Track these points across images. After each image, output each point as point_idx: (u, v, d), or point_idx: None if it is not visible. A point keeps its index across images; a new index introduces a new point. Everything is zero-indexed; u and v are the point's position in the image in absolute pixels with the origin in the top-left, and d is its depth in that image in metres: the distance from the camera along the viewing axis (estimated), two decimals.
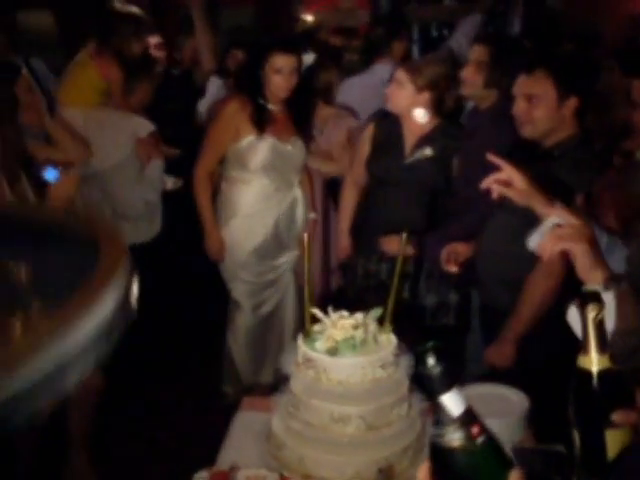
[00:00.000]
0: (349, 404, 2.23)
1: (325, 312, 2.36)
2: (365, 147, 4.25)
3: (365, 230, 4.25)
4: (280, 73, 4.08)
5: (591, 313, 1.52)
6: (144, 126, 4.57)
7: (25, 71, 3.94)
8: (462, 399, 1.18)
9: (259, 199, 4.24)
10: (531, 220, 2.28)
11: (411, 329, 2.43)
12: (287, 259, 4.42)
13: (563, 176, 3.13)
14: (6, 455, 3.15)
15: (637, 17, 7.48)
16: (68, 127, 4.16)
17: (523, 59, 3.86)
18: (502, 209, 3.30)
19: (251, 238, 4.27)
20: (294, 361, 2.33)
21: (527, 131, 3.42)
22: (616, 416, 1.52)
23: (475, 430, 1.16)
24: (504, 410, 2.43)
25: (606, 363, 1.53)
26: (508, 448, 1.78)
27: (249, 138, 4.12)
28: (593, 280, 1.86)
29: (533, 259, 2.64)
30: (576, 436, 1.58)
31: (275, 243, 4.33)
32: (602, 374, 1.53)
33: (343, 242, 4.41)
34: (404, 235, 2.35)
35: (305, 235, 2.33)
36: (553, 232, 1.91)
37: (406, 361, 2.33)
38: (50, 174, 3.31)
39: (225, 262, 4.30)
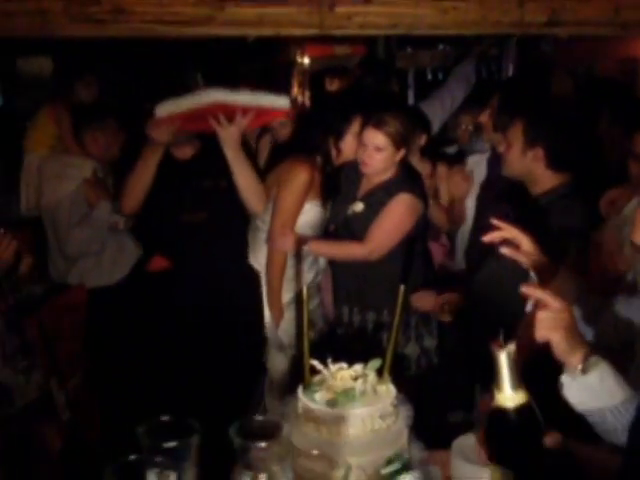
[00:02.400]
0: (349, 455, 2.23)
1: (324, 363, 2.38)
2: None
3: (337, 277, 4.26)
4: (359, 135, 4.02)
5: (503, 352, 1.57)
6: (89, 166, 4.64)
7: None
8: None
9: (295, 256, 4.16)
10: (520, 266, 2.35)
11: (405, 380, 2.44)
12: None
13: (552, 225, 3.20)
14: None
15: (631, 61, 7.58)
16: None
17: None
18: (493, 256, 3.37)
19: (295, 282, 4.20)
20: (294, 412, 2.34)
21: (504, 171, 3.56)
22: (548, 440, 1.57)
23: None
24: None
25: (520, 398, 1.57)
26: None
27: (312, 204, 4.08)
28: (570, 364, 1.89)
29: (524, 304, 2.74)
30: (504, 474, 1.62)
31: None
32: (518, 409, 1.57)
33: None
34: (402, 287, 2.37)
35: (304, 288, 2.35)
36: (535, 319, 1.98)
37: (405, 412, 2.35)
38: None
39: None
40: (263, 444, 1.89)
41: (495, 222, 2.37)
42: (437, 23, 3.36)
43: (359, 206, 4.02)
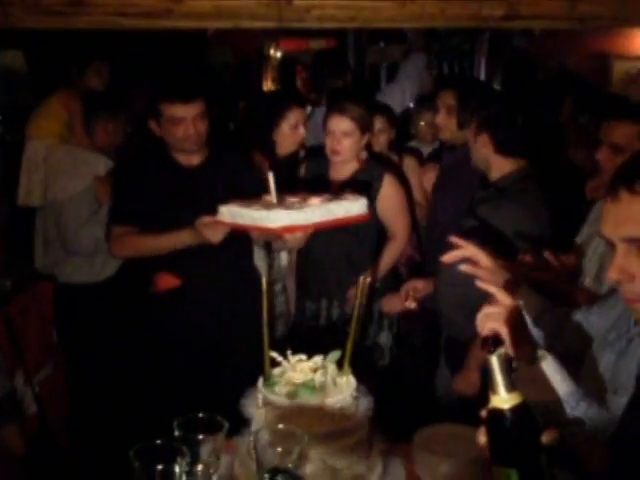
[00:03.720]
0: (309, 446, 2.24)
1: (284, 355, 2.39)
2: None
3: (307, 271, 4.24)
4: (296, 127, 4.10)
5: (495, 355, 1.59)
6: (103, 164, 4.54)
7: None
8: None
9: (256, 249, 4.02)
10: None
11: (369, 371, 2.46)
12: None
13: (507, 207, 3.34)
14: None
15: (602, 56, 7.66)
16: None
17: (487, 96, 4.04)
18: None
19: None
20: (254, 404, 2.35)
21: (472, 162, 3.68)
22: (545, 437, 1.60)
23: None
24: (469, 450, 2.44)
25: (515, 399, 1.60)
26: None
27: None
28: (517, 356, 1.98)
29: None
30: (506, 473, 1.64)
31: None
32: (514, 410, 1.60)
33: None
34: (362, 279, 2.39)
35: (263, 280, 2.35)
36: (483, 311, 2.02)
37: (366, 403, 2.37)
38: None
39: None
40: (201, 436, 1.97)
41: (454, 240, 2.41)
42: (395, 16, 3.39)
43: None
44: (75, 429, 4.27)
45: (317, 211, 3.01)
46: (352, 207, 3.06)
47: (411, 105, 5.56)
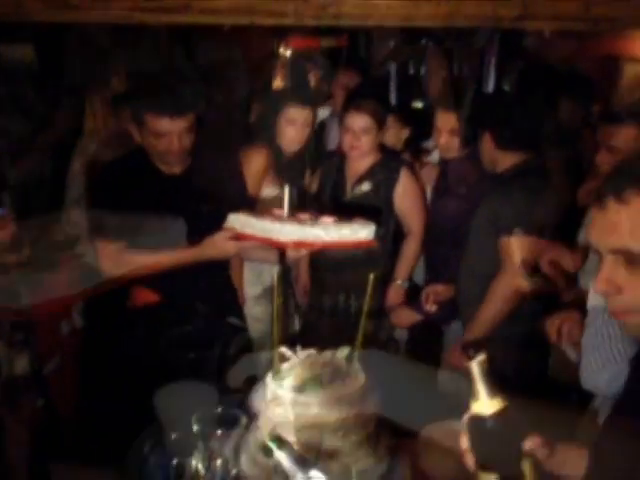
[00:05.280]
0: (317, 440, 2.26)
1: (293, 350, 2.41)
2: (313, 187, 4.35)
3: (323, 266, 4.27)
4: (293, 125, 4.07)
5: (475, 362, 1.60)
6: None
7: None
8: None
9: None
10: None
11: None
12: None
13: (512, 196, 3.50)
14: None
15: (612, 58, 7.64)
16: None
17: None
18: (473, 233, 3.67)
19: (264, 276, 4.21)
20: (263, 399, 2.36)
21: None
22: (528, 443, 1.61)
23: None
24: None
25: (497, 405, 1.61)
26: None
27: (271, 188, 4.04)
28: None
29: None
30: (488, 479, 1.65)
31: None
32: (496, 416, 1.60)
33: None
34: (371, 276, 2.40)
35: (275, 274, 2.37)
36: None
37: (374, 398, 2.38)
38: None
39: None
40: (220, 432, 2.03)
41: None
42: (410, 15, 3.42)
43: (366, 185, 4.09)
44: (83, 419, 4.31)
45: (328, 230, 2.96)
46: (361, 231, 2.97)
47: None
